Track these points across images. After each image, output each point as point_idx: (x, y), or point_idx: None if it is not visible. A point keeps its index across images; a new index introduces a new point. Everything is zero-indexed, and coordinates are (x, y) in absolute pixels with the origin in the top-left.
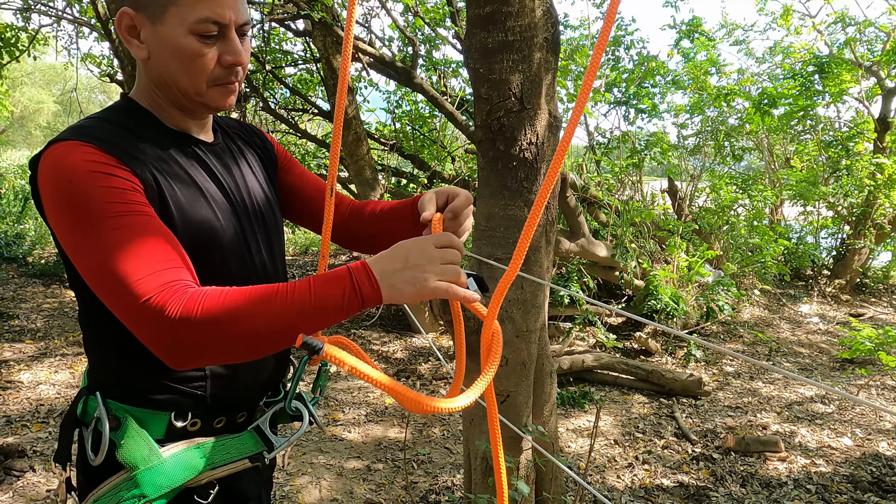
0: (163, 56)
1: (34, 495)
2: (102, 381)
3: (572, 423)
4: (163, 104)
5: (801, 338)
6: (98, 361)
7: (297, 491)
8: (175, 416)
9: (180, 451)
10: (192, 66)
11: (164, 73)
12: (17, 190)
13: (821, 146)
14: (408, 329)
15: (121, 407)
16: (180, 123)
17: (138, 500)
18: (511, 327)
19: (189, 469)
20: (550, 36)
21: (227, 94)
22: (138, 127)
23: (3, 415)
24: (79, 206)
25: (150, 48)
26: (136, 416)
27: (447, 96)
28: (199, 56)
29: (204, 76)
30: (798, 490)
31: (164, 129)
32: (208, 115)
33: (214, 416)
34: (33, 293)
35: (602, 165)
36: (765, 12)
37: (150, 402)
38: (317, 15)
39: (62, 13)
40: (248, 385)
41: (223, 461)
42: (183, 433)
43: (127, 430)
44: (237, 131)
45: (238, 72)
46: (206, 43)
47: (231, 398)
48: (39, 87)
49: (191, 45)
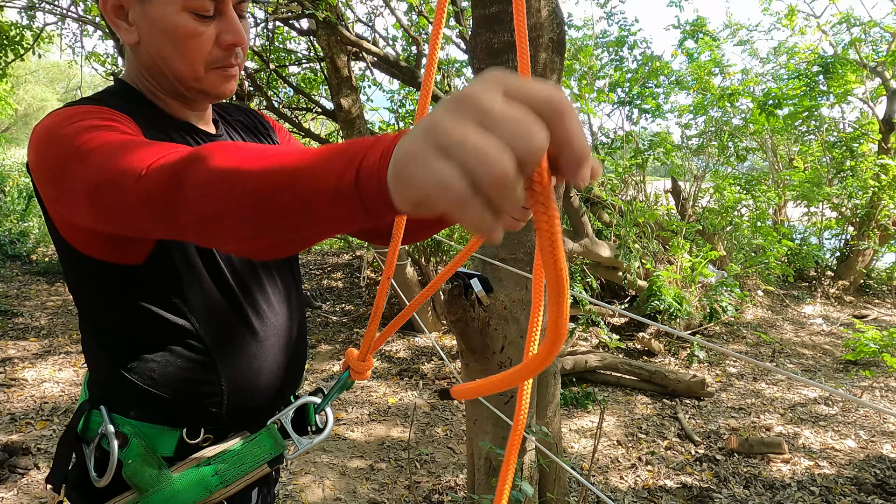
0: (154, 38)
1: (38, 493)
2: (108, 394)
3: (576, 424)
4: (157, 93)
5: (805, 339)
6: (103, 373)
7: (301, 490)
8: (187, 433)
9: (190, 469)
10: (188, 48)
11: (156, 57)
12: (21, 187)
13: (825, 147)
14: (411, 328)
15: (128, 422)
16: (179, 113)
17: None
18: (515, 328)
19: (199, 489)
20: (556, 36)
21: (227, 79)
22: (140, 109)
23: (7, 412)
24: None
25: (139, 30)
26: (144, 433)
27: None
28: (195, 36)
29: (201, 58)
30: (801, 492)
31: (166, 115)
32: (207, 103)
33: (229, 430)
34: (37, 291)
35: (605, 165)
36: (769, 12)
37: (161, 417)
38: (321, 14)
39: (67, 11)
40: (264, 396)
41: (237, 476)
42: (195, 449)
43: (134, 447)
44: (240, 119)
45: (238, 53)
46: (201, 21)
47: (247, 412)
48: (43, 86)
49: (185, 24)
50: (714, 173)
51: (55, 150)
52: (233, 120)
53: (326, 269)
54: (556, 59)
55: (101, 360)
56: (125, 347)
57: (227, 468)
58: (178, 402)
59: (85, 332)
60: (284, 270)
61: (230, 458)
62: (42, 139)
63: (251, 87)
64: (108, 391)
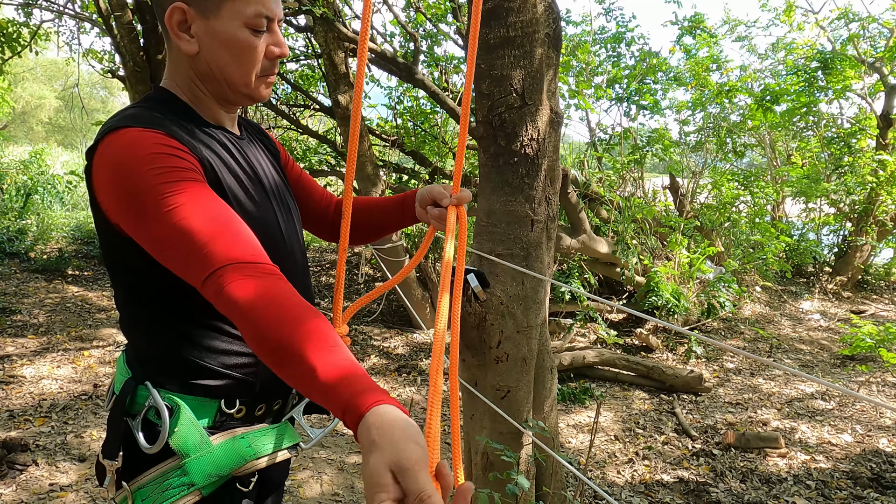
0: (214, 50)
1: (37, 489)
2: (152, 370)
3: (573, 419)
4: (202, 97)
5: (802, 334)
6: (150, 350)
7: (299, 485)
8: (225, 403)
9: (228, 440)
10: (246, 59)
11: (213, 66)
12: (20, 185)
13: (823, 143)
14: (409, 325)
15: (172, 395)
16: (216, 116)
17: (187, 488)
18: (512, 323)
19: (237, 458)
20: (552, 32)
21: (268, 87)
22: (181, 117)
23: (6, 409)
24: (146, 180)
25: (200, 42)
26: (188, 404)
27: (449, 92)
28: (253, 48)
29: (254, 68)
30: (798, 486)
31: (203, 121)
32: (244, 106)
33: (257, 402)
34: (35, 288)
35: (604, 162)
36: (767, 8)
37: (202, 389)
38: (318, 11)
39: (64, 9)
40: None
41: (266, 451)
42: (231, 420)
43: (180, 417)
44: (257, 134)
45: (277, 64)
46: (257, 36)
47: (274, 384)
48: (41, 83)
49: (247, 39)
50: (712, 169)
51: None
52: (252, 130)
53: (325, 266)
54: (552, 54)
55: (149, 338)
56: (177, 322)
57: (259, 443)
58: (219, 373)
59: (132, 315)
60: (299, 244)
61: (259, 436)
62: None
63: None
64: (153, 368)
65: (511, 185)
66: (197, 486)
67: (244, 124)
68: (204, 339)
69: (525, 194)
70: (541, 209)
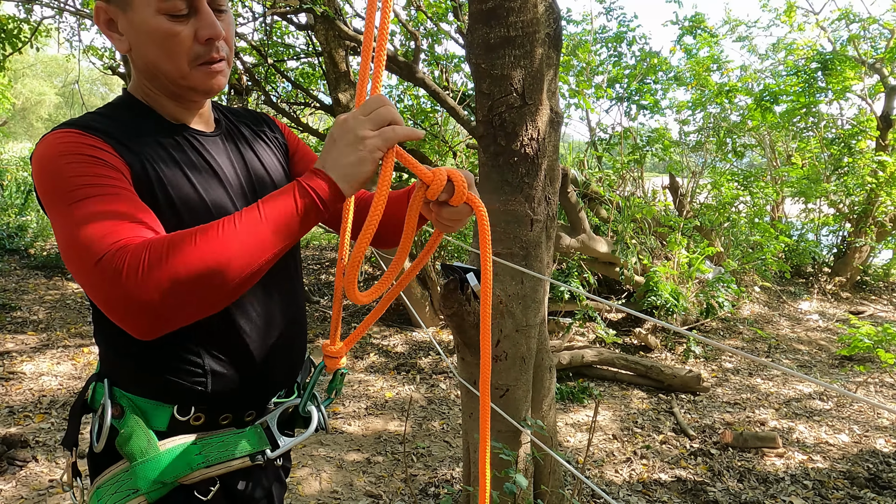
0: (141, 44)
1: (37, 485)
2: (109, 368)
3: (571, 418)
4: (154, 95)
5: (801, 335)
6: (103, 351)
7: (298, 483)
8: (178, 410)
9: (177, 445)
10: (169, 47)
11: (146, 61)
12: (19, 182)
13: (823, 143)
14: (408, 323)
15: (125, 395)
16: (176, 115)
17: (133, 492)
18: (511, 322)
19: (182, 465)
20: (552, 31)
21: (212, 75)
22: (136, 119)
23: (6, 405)
24: (53, 184)
25: (129, 38)
26: (140, 406)
27: (449, 91)
28: (173, 35)
29: (183, 56)
30: (795, 486)
31: (161, 120)
32: (200, 100)
33: (220, 411)
34: (35, 285)
35: (603, 161)
36: (768, 9)
37: (153, 392)
38: (319, 9)
39: (64, 5)
40: (255, 382)
41: (220, 459)
42: (186, 427)
43: (127, 419)
44: (246, 120)
45: (219, 48)
46: (178, 21)
47: (237, 394)
48: (41, 79)
49: (162, 26)
50: (712, 169)
51: (49, 185)
52: (238, 121)
53: (325, 265)
54: (552, 54)
55: (100, 339)
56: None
57: (212, 451)
58: (164, 380)
59: (92, 314)
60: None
61: (216, 443)
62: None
63: (249, 82)
64: (109, 366)
65: (511, 184)
66: (141, 491)
67: (228, 117)
68: (148, 345)
69: (525, 194)
70: (540, 209)
